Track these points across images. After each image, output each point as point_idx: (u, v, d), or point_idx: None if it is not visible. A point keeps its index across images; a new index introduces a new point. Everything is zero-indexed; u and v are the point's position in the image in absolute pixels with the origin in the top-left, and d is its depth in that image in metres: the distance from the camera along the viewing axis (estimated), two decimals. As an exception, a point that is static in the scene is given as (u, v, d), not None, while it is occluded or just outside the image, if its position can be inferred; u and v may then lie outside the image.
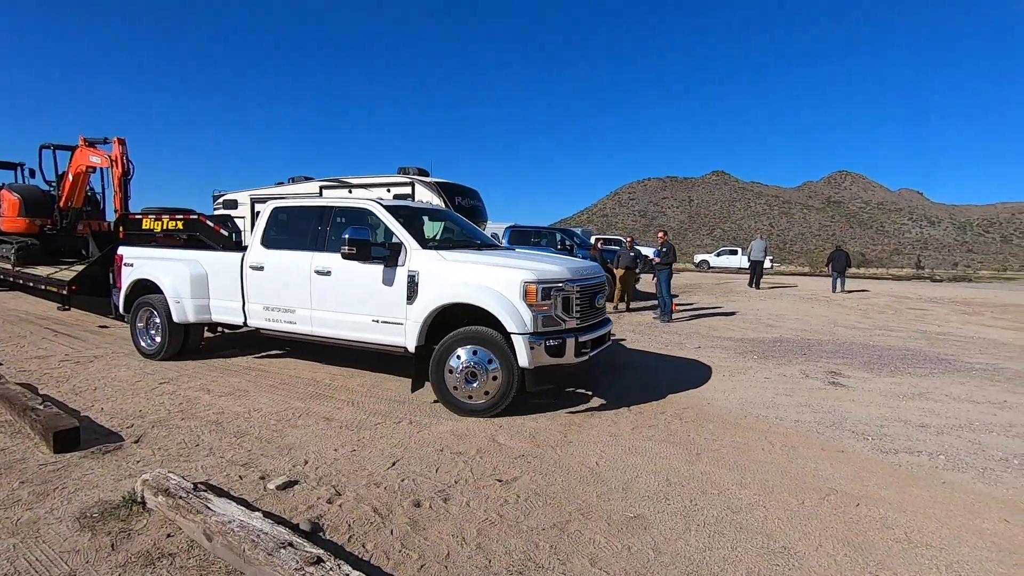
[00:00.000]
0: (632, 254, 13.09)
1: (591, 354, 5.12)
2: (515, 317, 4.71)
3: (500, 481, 3.62)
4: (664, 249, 12.01)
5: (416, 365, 5.16)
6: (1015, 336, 10.73)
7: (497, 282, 4.86)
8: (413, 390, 5.30)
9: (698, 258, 39.61)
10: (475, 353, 4.88)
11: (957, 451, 4.48)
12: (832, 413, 5.37)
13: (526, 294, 4.75)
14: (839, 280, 18.58)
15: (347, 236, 5.16)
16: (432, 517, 3.13)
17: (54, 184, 13.02)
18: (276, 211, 6.24)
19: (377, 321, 5.35)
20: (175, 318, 6.48)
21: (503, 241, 14.19)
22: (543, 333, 4.76)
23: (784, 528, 3.15)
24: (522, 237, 14.90)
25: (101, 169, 11.65)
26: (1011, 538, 3.15)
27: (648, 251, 19.19)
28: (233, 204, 14.93)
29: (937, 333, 10.80)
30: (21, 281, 10.70)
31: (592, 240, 20.08)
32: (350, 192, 14.86)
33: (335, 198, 7.04)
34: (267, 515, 2.89)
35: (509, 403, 4.86)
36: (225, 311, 6.41)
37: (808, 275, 33.17)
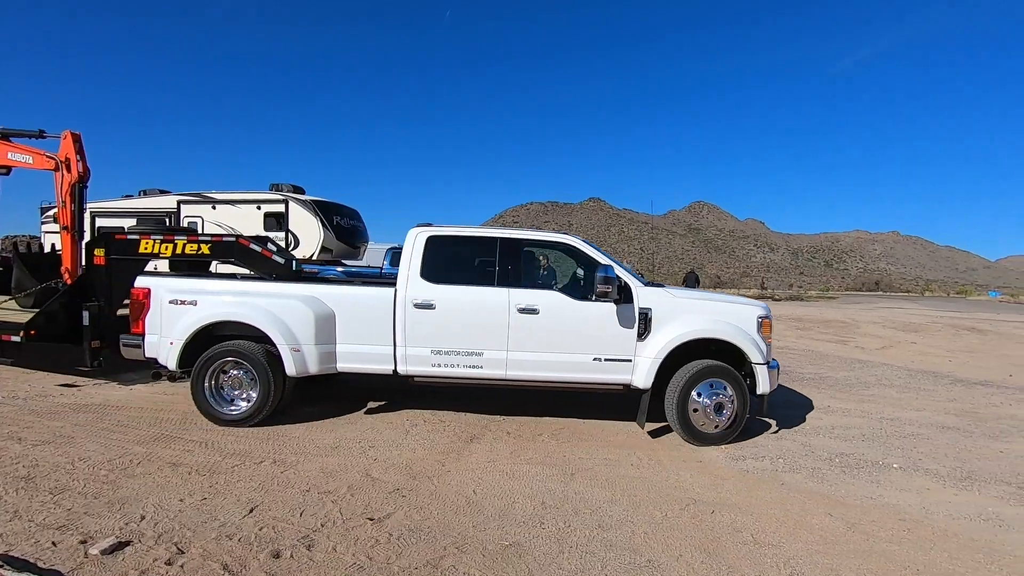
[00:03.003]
0: None
1: None
2: (756, 349, 5.18)
3: (372, 520, 3.41)
4: (545, 272, 12.42)
5: (642, 402, 5.22)
6: (835, 348, 12.53)
7: (735, 317, 5.26)
8: (642, 425, 5.33)
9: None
10: (712, 386, 5.11)
11: (793, 454, 5.05)
12: (692, 425, 5.81)
13: (761, 327, 5.30)
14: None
15: (602, 275, 4.97)
16: (293, 568, 2.86)
17: None
18: (433, 240, 5.44)
19: (600, 360, 5.19)
20: (292, 370, 5.17)
21: (384, 263, 13.81)
22: (771, 362, 5.31)
23: (649, 542, 3.30)
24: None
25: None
26: (834, 531, 3.57)
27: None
28: None
29: (777, 347, 12.27)
30: None
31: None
32: (213, 208, 13.66)
33: (520, 229, 5.82)
34: (84, 588, 2.44)
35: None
36: (361, 358, 5.36)
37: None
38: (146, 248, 6.28)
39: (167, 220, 14.05)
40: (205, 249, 6.27)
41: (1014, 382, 9.22)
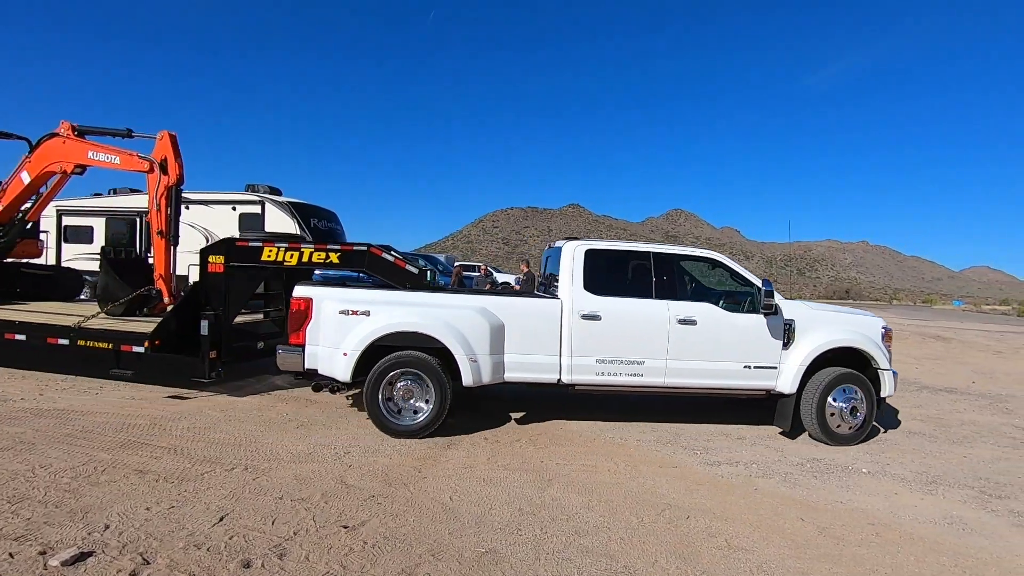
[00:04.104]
0: (488, 281, 13.46)
1: None
2: (883, 356, 5.71)
3: (346, 528, 3.36)
4: (525, 279, 12.47)
5: (783, 406, 5.68)
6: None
7: (864, 328, 5.79)
8: (787, 429, 5.74)
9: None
10: (844, 391, 5.56)
11: (766, 459, 5.13)
12: (668, 431, 5.87)
13: (885, 336, 5.84)
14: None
15: (768, 290, 5.40)
16: (264, 578, 2.79)
17: None
18: (591, 253, 5.63)
19: (749, 367, 5.56)
20: (469, 380, 5.18)
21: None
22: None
23: (625, 547, 3.31)
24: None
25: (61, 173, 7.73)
26: (805, 535, 3.64)
27: (511, 279, 19.79)
28: None
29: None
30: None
31: (454, 267, 20.21)
32: (187, 208, 13.38)
33: (670, 245, 6.04)
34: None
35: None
36: (527, 367, 5.45)
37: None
38: (269, 256, 6.06)
39: (138, 220, 13.71)
40: (334, 258, 6.08)
41: (976, 389, 9.53)
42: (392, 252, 6.12)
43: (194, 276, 6.98)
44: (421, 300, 5.46)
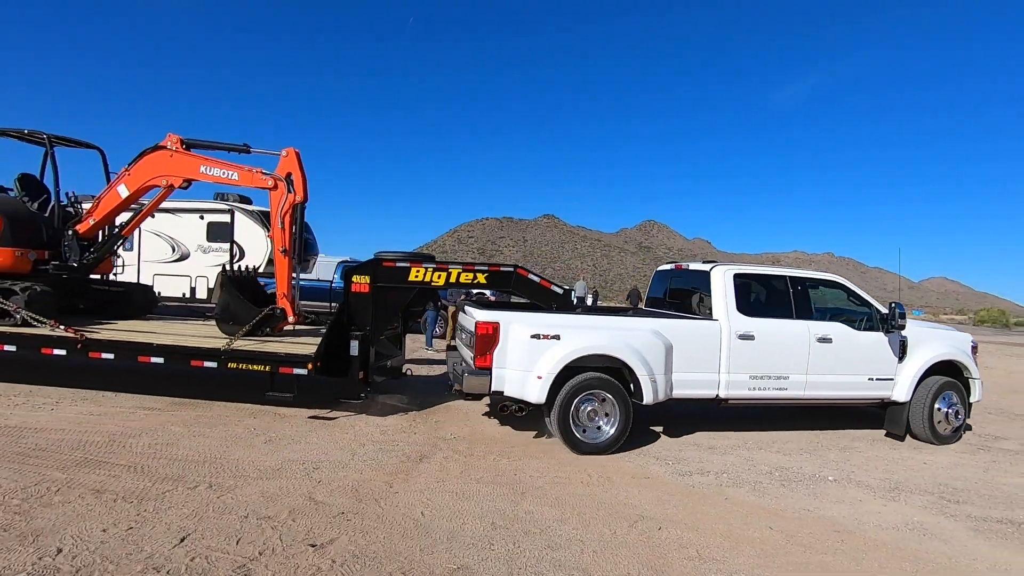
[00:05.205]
0: (463, 293, 13.35)
1: None
2: (974, 366, 6.52)
3: (314, 546, 3.27)
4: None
5: (896, 413, 6.39)
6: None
7: (959, 342, 6.59)
8: (903, 436, 6.43)
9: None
10: (945, 397, 6.34)
11: (736, 468, 5.20)
12: (641, 441, 5.90)
13: (974, 350, 6.65)
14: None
15: (901, 311, 6.11)
16: (226, 601, 2.70)
17: (73, 198, 8.09)
18: (738, 277, 6.10)
19: (873, 379, 6.21)
20: (650, 399, 5.43)
21: (335, 277, 13.47)
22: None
23: (598, 560, 3.31)
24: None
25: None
26: (774, 543, 3.69)
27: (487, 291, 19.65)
28: None
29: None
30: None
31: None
32: (152, 216, 13.04)
33: (798, 269, 6.61)
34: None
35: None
36: (690, 384, 5.79)
37: (627, 309, 36.96)
38: (416, 276, 6.13)
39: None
40: (481, 278, 6.23)
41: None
42: (532, 273, 6.41)
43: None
44: (603, 324, 5.89)
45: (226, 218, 13.27)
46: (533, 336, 5.37)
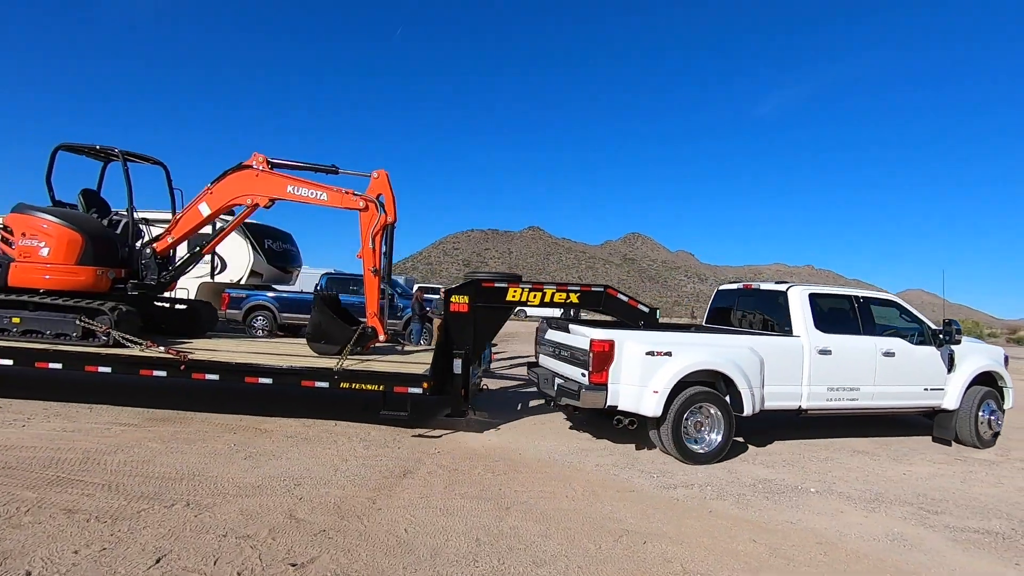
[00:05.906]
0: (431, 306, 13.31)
1: None
2: (1007, 376, 7.15)
3: (294, 565, 3.21)
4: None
5: (945, 420, 6.93)
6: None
7: (995, 355, 7.29)
8: (951, 442, 6.99)
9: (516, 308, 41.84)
10: (986, 405, 6.92)
11: (720, 481, 5.22)
12: (625, 455, 5.91)
13: (1007, 361, 7.33)
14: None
15: (957, 328, 6.67)
16: (203, 624, 2.63)
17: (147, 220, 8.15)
18: (813, 297, 6.54)
19: (927, 389, 6.74)
20: (750, 410, 5.84)
21: (318, 290, 13.34)
22: None
23: (583, 576, 3.29)
24: (341, 285, 14.18)
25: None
26: (758, 556, 3.71)
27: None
28: None
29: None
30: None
31: (414, 289, 19.99)
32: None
33: (859, 289, 7.20)
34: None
35: None
36: (777, 396, 6.15)
37: (610, 320, 37.12)
38: (514, 296, 6.40)
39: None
40: (574, 298, 6.56)
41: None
42: (624, 293, 6.73)
43: None
44: (707, 341, 6.14)
45: (207, 230, 13.10)
46: (648, 353, 5.64)
